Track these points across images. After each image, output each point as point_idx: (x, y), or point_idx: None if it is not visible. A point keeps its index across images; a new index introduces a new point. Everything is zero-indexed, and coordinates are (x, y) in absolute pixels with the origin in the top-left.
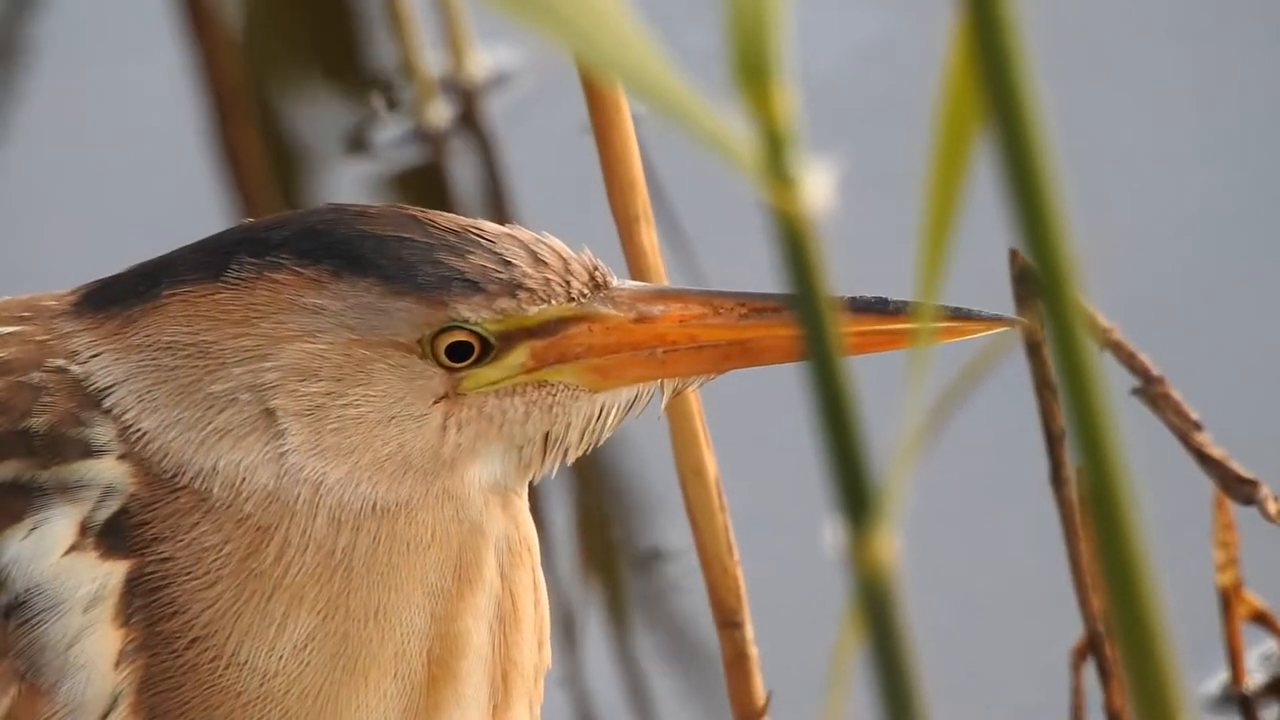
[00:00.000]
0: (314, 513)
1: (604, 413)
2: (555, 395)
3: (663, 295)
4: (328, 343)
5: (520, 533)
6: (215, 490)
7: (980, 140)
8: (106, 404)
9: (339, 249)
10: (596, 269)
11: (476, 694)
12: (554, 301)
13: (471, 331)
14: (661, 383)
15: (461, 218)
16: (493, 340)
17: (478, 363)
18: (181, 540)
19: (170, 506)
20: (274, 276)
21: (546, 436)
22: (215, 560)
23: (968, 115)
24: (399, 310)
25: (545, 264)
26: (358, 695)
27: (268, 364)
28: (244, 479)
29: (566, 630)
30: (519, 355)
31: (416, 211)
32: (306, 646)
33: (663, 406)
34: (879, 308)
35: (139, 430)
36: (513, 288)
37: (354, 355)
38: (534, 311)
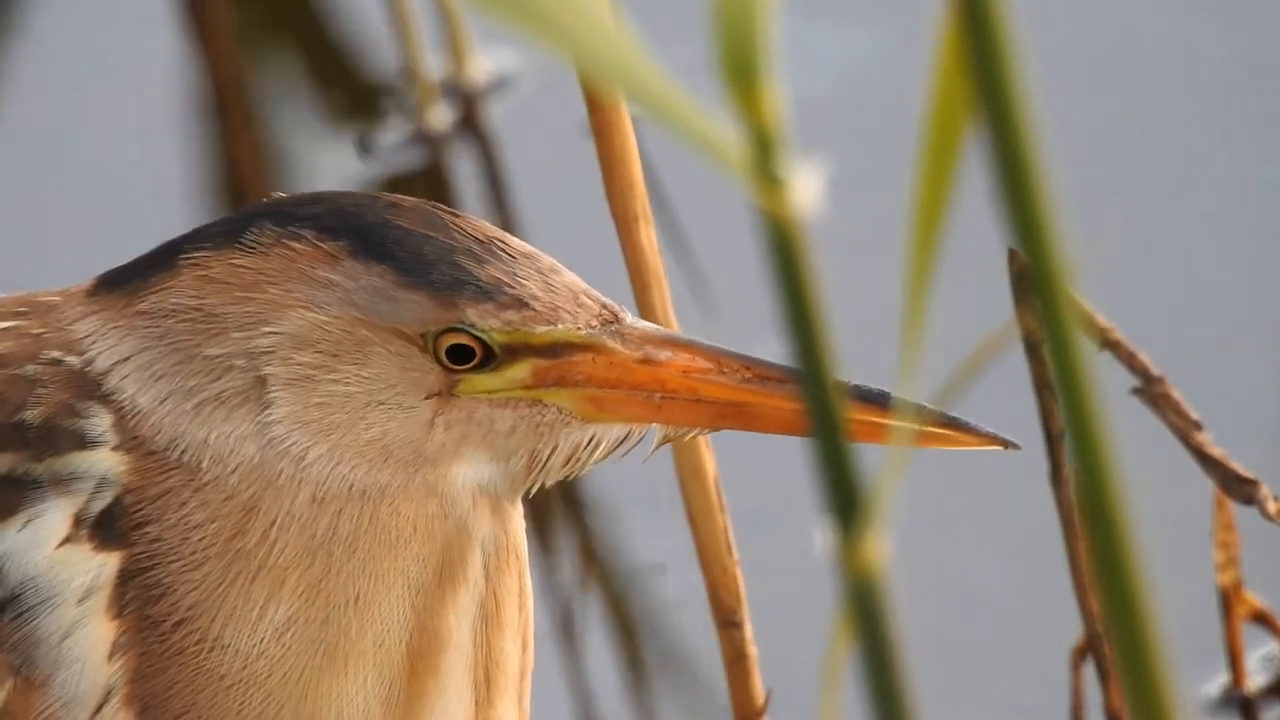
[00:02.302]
0: (296, 490)
1: (592, 443)
2: (546, 416)
3: (672, 342)
4: (332, 316)
5: (509, 539)
6: (205, 464)
7: (968, 146)
8: (107, 386)
9: (362, 232)
10: (607, 306)
11: (458, 689)
12: (560, 325)
13: (475, 337)
14: (656, 428)
15: (490, 228)
16: (496, 350)
17: (476, 369)
18: (169, 519)
19: (161, 487)
20: (291, 245)
21: (533, 454)
22: (202, 540)
23: (955, 123)
24: (409, 301)
25: (556, 290)
26: (338, 682)
27: (266, 329)
28: (232, 451)
29: (566, 631)
30: (521, 370)
31: (447, 213)
32: (289, 630)
33: (650, 451)
34: (880, 401)
35: (136, 408)
36: (521, 304)
37: (355, 334)
38: (541, 330)
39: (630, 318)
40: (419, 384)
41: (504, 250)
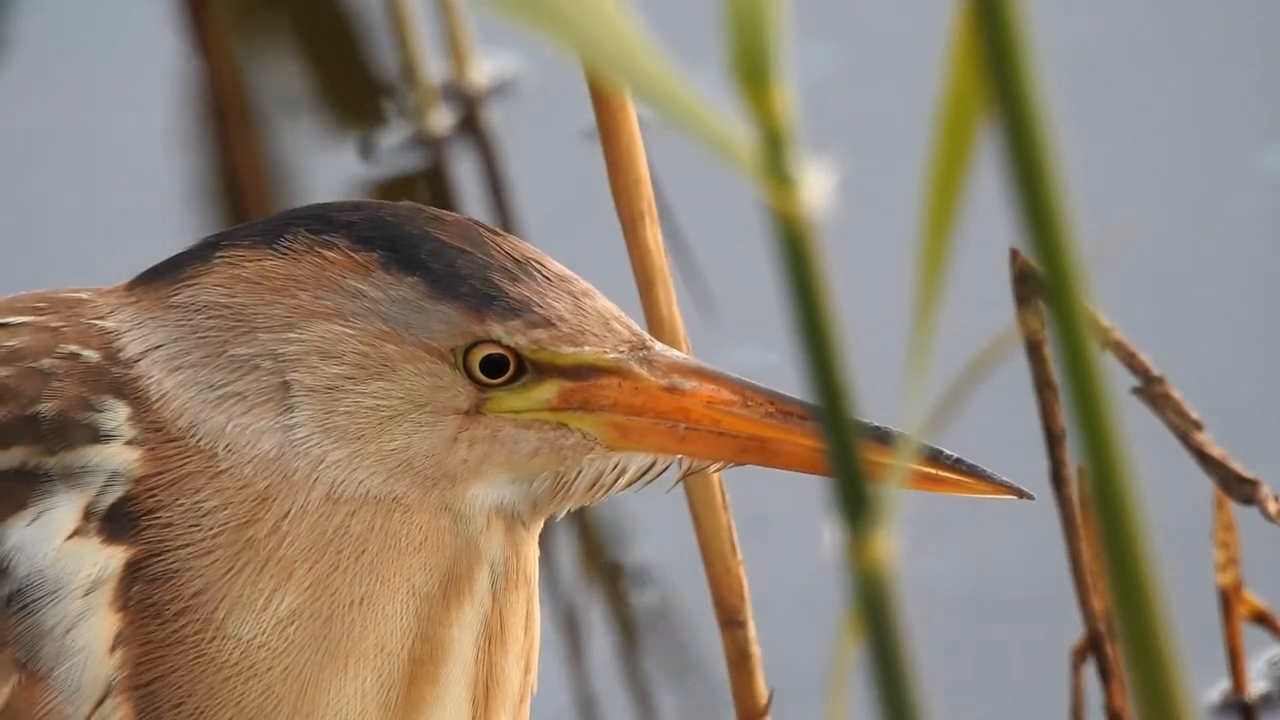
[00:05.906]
0: (311, 486)
1: (616, 471)
2: (569, 440)
3: (699, 372)
4: (357, 328)
5: (519, 561)
6: (221, 451)
7: (980, 144)
8: (134, 372)
9: (397, 243)
10: (636, 334)
11: (456, 702)
12: (587, 348)
13: (508, 348)
14: (680, 459)
15: (530, 248)
16: (528, 364)
17: (510, 383)
18: (182, 504)
19: (178, 472)
20: (324, 253)
21: (557, 478)
22: (213, 526)
23: (968, 119)
24: (437, 313)
25: (585, 313)
26: (336, 681)
27: (293, 334)
28: (249, 443)
29: (569, 630)
30: (547, 391)
31: (488, 230)
32: (292, 624)
33: (673, 483)
34: (885, 440)
35: (162, 392)
36: (548, 324)
37: (380, 349)
38: (567, 351)
39: (659, 346)
40: (448, 402)
41: (539, 271)
